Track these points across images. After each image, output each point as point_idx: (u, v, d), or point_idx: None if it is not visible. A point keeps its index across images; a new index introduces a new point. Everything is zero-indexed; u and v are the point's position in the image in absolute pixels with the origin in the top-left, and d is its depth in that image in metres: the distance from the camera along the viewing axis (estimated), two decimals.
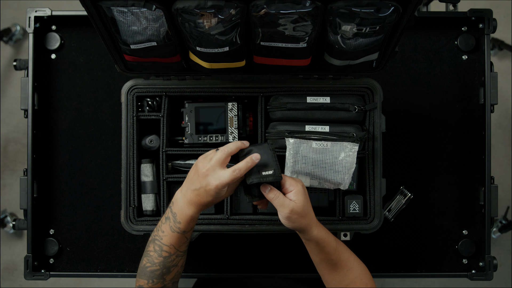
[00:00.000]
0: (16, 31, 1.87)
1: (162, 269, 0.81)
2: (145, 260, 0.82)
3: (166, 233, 0.81)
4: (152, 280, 0.81)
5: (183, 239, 0.81)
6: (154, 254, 0.81)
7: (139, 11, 0.73)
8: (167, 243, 0.80)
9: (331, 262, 0.82)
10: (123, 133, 0.96)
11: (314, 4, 0.70)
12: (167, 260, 0.81)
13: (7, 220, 1.76)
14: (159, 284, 0.82)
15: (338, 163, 0.91)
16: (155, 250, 0.81)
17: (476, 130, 1.11)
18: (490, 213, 1.07)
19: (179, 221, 0.80)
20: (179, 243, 0.81)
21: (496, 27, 1.07)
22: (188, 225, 0.80)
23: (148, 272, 0.81)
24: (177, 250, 0.81)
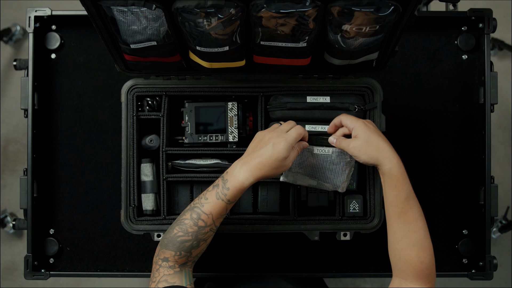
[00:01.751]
0: (16, 31, 1.87)
1: (193, 241, 0.80)
2: (177, 229, 0.80)
3: (210, 200, 0.80)
4: (180, 252, 0.80)
5: (224, 210, 0.80)
6: (189, 222, 0.80)
7: (139, 11, 0.73)
8: (207, 211, 0.79)
9: (398, 210, 0.81)
10: (123, 133, 0.96)
11: (314, 4, 0.70)
12: (201, 232, 0.80)
13: (7, 220, 1.76)
14: (184, 259, 0.80)
15: (337, 167, 0.90)
16: (192, 218, 0.80)
17: (476, 130, 1.11)
18: (490, 212, 1.07)
19: (228, 187, 0.79)
20: (218, 213, 0.80)
21: (496, 26, 1.07)
22: (236, 194, 0.79)
23: (178, 242, 0.79)
24: (213, 222, 0.80)
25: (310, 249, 1.12)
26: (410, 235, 0.80)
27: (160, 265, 0.80)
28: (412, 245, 0.80)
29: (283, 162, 0.80)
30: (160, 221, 0.96)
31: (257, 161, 0.79)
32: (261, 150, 0.80)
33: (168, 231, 0.82)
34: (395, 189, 0.81)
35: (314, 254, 1.12)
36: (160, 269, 0.80)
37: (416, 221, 0.81)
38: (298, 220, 0.97)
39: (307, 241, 1.10)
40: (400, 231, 0.81)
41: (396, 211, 0.81)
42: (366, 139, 0.83)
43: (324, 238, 1.08)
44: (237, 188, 0.79)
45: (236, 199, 0.81)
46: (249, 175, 0.79)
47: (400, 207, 0.81)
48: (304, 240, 1.10)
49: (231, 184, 0.80)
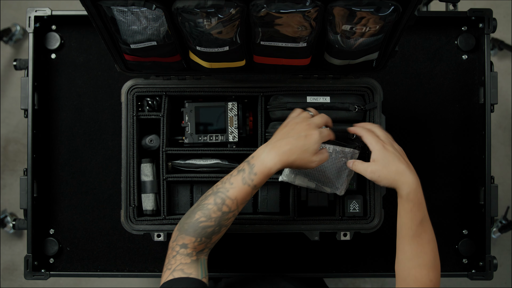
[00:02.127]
0: (16, 31, 1.87)
1: (215, 227, 0.77)
2: (199, 214, 0.77)
3: (235, 185, 0.78)
4: (200, 238, 0.77)
5: (249, 195, 0.79)
6: (213, 207, 0.77)
7: (139, 11, 0.73)
8: (232, 196, 0.77)
9: (411, 233, 0.80)
10: (123, 133, 0.96)
11: (314, 4, 0.70)
12: (224, 217, 0.78)
13: (7, 220, 1.76)
14: (203, 245, 0.78)
15: (338, 169, 0.90)
16: (216, 203, 0.77)
17: (476, 130, 1.11)
18: (490, 212, 1.07)
19: (255, 172, 0.78)
20: (243, 198, 0.78)
21: (496, 26, 1.08)
22: (262, 179, 0.78)
23: (200, 228, 0.77)
24: (237, 208, 0.78)
25: (310, 249, 1.12)
26: (421, 256, 0.80)
27: (177, 252, 0.77)
28: (423, 265, 0.80)
29: (312, 157, 0.79)
30: (160, 221, 0.96)
31: (287, 148, 0.78)
32: (292, 138, 0.79)
33: (188, 215, 0.79)
34: (411, 213, 0.80)
35: (314, 254, 1.12)
36: (177, 256, 0.77)
37: (428, 243, 0.81)
38: (298, 220, 0.97)
39: (307, 241, 1.10)
40: (412, 251, 0.80)
41: (409, 233, 0.81)
42: (384, 164, 0.82)
43: (324, 238, 1.08)
44: (264, 173, 0.78)
45: (261, 184, 0.79)
46: (277, 160, 0.78)
47: (414, 230, 0.80)
48: (304, 240, 1.10)
49: (259, 169, 0.78)
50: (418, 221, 0.80)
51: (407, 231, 0.81)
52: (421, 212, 0.81)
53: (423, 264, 0.80)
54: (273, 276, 1.08)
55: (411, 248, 0.80)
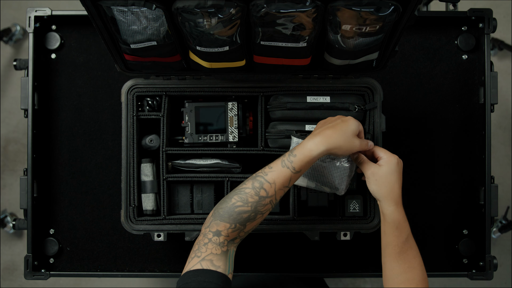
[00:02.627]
0: (16, 31, 1.86)
1: (251, 213, 0.75)
2: (236, 198, 0.75)
3: (274, 169, 0.77)
4: (235, 224, 0.75)
5: (288, 180, 0.77)
6: (250, 191, 0.75)
7: (139, 11, 0.73)
8: (270, 179, 0.76)
9: (397, 250, 0.81)
10: (123, 133, 0.96)
11: (314, 4, 0.70)
12: (261, 203, 0.76)
13: (7, 220, 1.76)
14: (236, 233, 0.76)
15: (337, 169, 0.90)
16: (254, 186, 0.76)
17: (476, 130, 1.11)
18: (490, 212, 1.07)
19: (295, 154, 0.77)
20: (282, 183, 0.77)
21: (496, 26, 1.07)
22: (303, 161, 0.77)
23: (236, 213, 0.75)
24: (275, 194, 0.77)
25: (310, 249, 1.12)
26: (409, 271, 0.81)
27: (210, 239, 0.75)
28: (412, 279, 0.81)
29: (353, 138, 0.81)
30: (160, 221, 0.96)
31: (328, 131, 0.79)
32: (331, 124, 0.81)
33: (223, 200, 0.77)
34: (397, 231, 0.82)
35: (314, 254, 1.12)
36: (209, 244, 0.74)
37: (414, 258, 0.82)
38: (298, 220, 0.97)
39: (307, 241, 1.10)
40: (400, 268, 0.81)
41: (396, 251, 0.82)
42: (388, 173, 0.83)
43: (324, 238, 1.08)
44: (305, 154, 0.77)
45: (302, 168, 0.77)
46: (319, 141, 0.78)
47: (400, 247, 0.82)
48: (304, 240, 1.09)
49: (299, 151, 0.77)
50: (404, 238, 0.82)
51: (394, 249, 0.82)
52: (407, 228, 0.82)
53: (412, 279, 0.81)
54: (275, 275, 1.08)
55: (399, 265, 0.81)
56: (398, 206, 0.82)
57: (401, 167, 0.85)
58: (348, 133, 0.80)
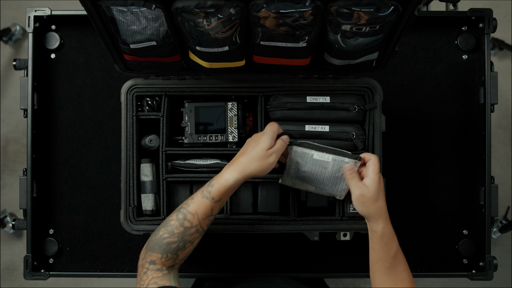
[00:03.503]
0: (16, 31, 1.87)
1: (179, 243, 0.79)
2: (163, 231, 0.80)
3: (195, 200, 0.81)
4: (166, 254, 0.79)
5: (209, 209, 0.81)
6: (175, 223, 0.80)
7: (139, 11, 0.73)
8: (192, 210, 0.80)
9: (387, 265, 0.83)
10: (123, 133, 0.96)
11: (314, 4, 0.70)
12: (187, 233, 0.80)
13: (6, 220, 1.76)
14: (171, 261, 0.80)
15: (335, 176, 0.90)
16: (178, 218, 0.80)
17: (476, 130, 1.11)
18: (490, 213, 1.07)
19: (212, 184, 0.81)
20: (204, 213, 0.80)
21: (496, 26, 1.07)
22: (220, 191, 0.80)
23: (164, 244, 0.79)
24: (199, 223, 0.80)
25: (310, 249, 1.12)
26: (399, 284, 0.83)
27: (147, 268, 0.79)
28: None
29: (267, 153, 0.82)
30: (160, 221, 0.96)
31: (241, 158, 0.82)
32: (245, 147, 0.85)
33: (154, 233, 0.81)
34: (386, 247, 0.84)
35: (314, 254, 1.12)
36: (148, 272, 0.79)
37: (404, 271, 0.84)
38: (298, 220, 0.97)
39: (307, 241, 1.10)
40: (390, 281, 0.83)
41: (386, 266, 0.83)
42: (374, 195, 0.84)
43: (324, 238, 1.08)
44: (221, 184, 0.80)
45: (221, 197, 0.81)
46: (233, 169, 0.81)
47: (390, 262, 0.83)
48: (304, 240, 1.09)
49: (216, 181, 0.81)
50: (393, 253, 0.83)
51: (384, 264, 0.83)
52: (395, 243, 0.84)
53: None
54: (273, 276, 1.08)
55: (390, 279, 0.83)
56: (387, 222, 0.84)
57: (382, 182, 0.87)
58: (260, 154, 0.82)
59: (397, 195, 1.12)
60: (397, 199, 1.12)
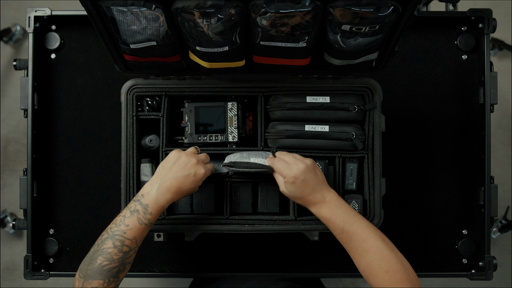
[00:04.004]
0: (16, 31, 1.87)
1: (120, 266, 0.80)
2: (101, 259, 0.80)
3: (132, 227, 0.81)
4: (108, 279, 0.80)
5: (146, 232, 0.83)
6: (113, 250, 0.80)
7: (139, 11, 0.73)
8: (130, 236, 0.81)
9: (343, 242, 0.83)
10: (123, 133, 0.96)
11: (314, 4, 0.70)
12: (126, 256, 0.81)
13: (7, 220, 1.76)
14: (114, 284, 0.81)
15: None
16: (115, 246, 0.80)
17: (476, 130, 1.11)
18: (490, 212, 1.07)
19: (150, 212, 0.82)
20: (142, 236, 0.83)
21: (496, 27, 1.08)
22: (157, 216, 0.83)
23: (105, 271, 0.80)
24: (137, 245, 0.82)
25: (310, 249, 1.12)
26: (364, 255, 0.80)
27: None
28: (371, 261, 0.79)
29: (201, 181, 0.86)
30: (160, 221, 0.96)
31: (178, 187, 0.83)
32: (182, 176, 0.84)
33: (88, 262, 0.80)
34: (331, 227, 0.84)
35: (314, 254, 1.12)
36: None
37: (364, 242, 0.81)
38: (298, 220, 0.97)
39: (307, 241, 1.10)
40: (355, 255, 0.82)
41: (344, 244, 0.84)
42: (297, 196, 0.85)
43: (324, 238, 1.08)
44: (159, 211, 0.83)
45: (155, 220, 0.84)
46: (170, 198, 0.83)
47: (343, 239, 0.83)
48: (304, 240, 1.10)
49: (153, 208, 0.82)
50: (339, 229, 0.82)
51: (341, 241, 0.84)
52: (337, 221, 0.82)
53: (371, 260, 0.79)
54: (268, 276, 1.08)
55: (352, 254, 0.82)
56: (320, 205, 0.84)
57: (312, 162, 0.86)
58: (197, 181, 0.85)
59: (397, 195, 1.12)
60: (397, 199, 1.12)
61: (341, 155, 0.96)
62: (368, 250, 0.80)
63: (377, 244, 0.80)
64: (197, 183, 0.85)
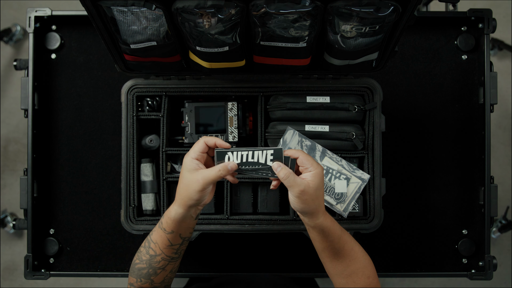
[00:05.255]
0: (16, 31, 1.87)
1: (149, 269, 0.80)
2: (136, 257, 0.82)
3: (155, 229, 0.81)
4: (140, 279, 0.81)
5: (166, 240, 0.78)
6: (143, 250, 0.81)
7: (139, 11, 0.73)
8: (154, 239, 0.81)
9: (334, 251, 0.80)
10: (123, 133, 0.96)
11: (314, 4, 0.70)
12: (153, 260, 0.80)
13: (7, 220, 1.77)
14: (147, 285, 0.81)
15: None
16: (145, 246, 0.81)
17: (476, 130, 1.11)
18: (489, 212, 1.07)
19: (163, 215, 0.80)
20: (163, 242, 0.79)
21: (495, 27, 1.08)
22: (168, 223, 0.77)
23: (136, 269, 0.81)
24: (162, 252, 0.79)
25: (310, 249, 1.11)
26: (351, 264, 0.80)
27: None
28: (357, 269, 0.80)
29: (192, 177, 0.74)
30: None
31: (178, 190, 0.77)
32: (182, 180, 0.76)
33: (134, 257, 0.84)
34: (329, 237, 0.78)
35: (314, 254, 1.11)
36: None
37: (352, 250, 0.81)
38: (298, 220, 0.97)
39: (307, 241, 1.09)
40: (341, 264, 0.81)
41: (332, 252, 0.80)
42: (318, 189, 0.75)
43: None
44: (167, 216, 0.78)
45: (172, 229, 0.77)
46: (177, 206, 0.76)
47: (335, 248, 0.79)
48: (304, 240, 1.10)
49: (166, 213, 0.79)
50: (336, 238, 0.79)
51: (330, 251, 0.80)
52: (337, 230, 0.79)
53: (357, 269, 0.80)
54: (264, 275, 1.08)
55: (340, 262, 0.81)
56: (325, 215, 0.78)
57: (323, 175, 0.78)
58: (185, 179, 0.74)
59: (397, 195, 1.12)
60: (397, 199, 1.12)
61: (341, 155, 0.96)
62: (356, 258, 0.81)
63: (361, 251, 0.82)
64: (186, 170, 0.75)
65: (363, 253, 0.82)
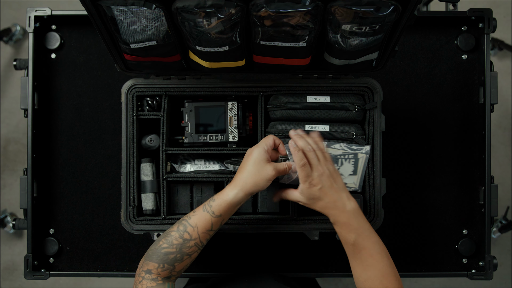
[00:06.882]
0: (16, 31, 1.87)
1: (177, 254, 0.80)
2: (163, 241, 0.81)
3: (197, 213, 0.82)
4: (163, 264, 0.80)
5: (209, 224, 0.81)
6: (175, 234, 0.81)
7: (139, 10, 0.73)
8: (193, 223, 0.81)
9: (349, 250, 0.83)
10: (123, 133, 0.96)
11: (314, 3, 0.70)
12: (185, 245, 0.81)
13: (7, 220, 1.77)
14: (167, 272, 0.81)
15: None
16: (178, 230, 0.81)
17: (476, 130, 1.11)
18: (490, 212, 1.07)
19: (214, 199, 0.81)
20: (204, 226, 0.81)
21: (496, 26, 1.08)
22: (221, 206, 0.81)
23: (162, 254, 0.80)
24: (198, 236, 0.81)
25: (310, 249, 1.12)
26: (368, 269, 0.81)
27: (143, 277, 0.80)
28: (374, 276, 0.81)
29: (262, 168, 0.82)
30: (160, 221, 0.96)
31: (239, 175, 0.83)
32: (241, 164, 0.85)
33: (154, 243, 0.83)
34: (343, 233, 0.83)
35: (314, 254, 1.12)
36: (143, 281, 0.80)
37: (371, 257, 0.81)
38: (298, 220, 0.97)
39: (307, 241, 1.10)
40: (358, 267, 0.82)
41: (349, 250, 0.84)
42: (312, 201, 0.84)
43: (324, 238, 1.08)
44: (222, 199, 0.81)
45: (221, 213, 0.82)
46: (233, 186, 0.82)
47: (351, 249, 0.83)
48: (304, 240, 1.10)
49: (218, 196, 0.82)
50: (351, 240, 0.82)
51: (347, 248, 0.84)
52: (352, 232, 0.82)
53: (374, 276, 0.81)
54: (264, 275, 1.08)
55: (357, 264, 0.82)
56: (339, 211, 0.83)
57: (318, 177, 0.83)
58: (255, 166, 0.82)
59: (397, 194, 1.12)
60: (397, 199, 1.12)
61: None
62: (372, 265, 0.81)
63: (382, 261, 0.82)
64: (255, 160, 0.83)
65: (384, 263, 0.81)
